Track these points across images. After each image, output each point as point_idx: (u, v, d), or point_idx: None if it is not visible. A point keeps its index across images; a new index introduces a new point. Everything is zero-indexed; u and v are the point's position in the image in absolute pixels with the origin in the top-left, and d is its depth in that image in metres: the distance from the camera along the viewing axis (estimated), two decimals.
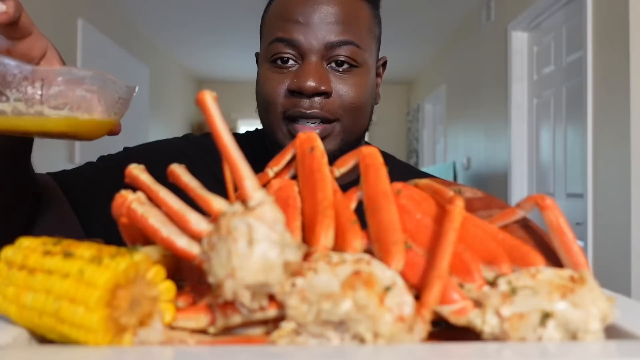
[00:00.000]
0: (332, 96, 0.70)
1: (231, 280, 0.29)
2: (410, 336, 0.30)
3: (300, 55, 0.70)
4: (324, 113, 0.69)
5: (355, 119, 0.72)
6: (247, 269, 0.29)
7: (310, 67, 0.68)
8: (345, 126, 0.71)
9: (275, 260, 0.30)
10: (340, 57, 0.69)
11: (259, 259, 0.29)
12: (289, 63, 0.70)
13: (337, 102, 0.70)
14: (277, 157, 0.44)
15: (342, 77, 0.70)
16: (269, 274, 0.30)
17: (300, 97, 0.69)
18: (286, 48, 0.69)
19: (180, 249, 0.32)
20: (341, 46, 0.69)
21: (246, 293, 0.30)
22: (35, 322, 0.31)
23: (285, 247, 0.30)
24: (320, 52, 0.69)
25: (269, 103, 0.71)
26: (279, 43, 0.70)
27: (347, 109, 0.70)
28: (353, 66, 0.70)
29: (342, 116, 0.70)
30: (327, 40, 0.69)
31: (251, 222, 0.30)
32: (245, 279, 0.29)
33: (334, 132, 0.71)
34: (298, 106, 0.69)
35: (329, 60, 0.70)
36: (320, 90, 0.68)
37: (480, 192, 0.45)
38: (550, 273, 0.33)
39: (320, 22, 0.69)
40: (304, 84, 0.67)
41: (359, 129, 0.74)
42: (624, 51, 1.98)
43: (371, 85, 0.75)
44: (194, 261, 0.32)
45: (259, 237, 0.30)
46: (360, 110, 0.72)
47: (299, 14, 0.69)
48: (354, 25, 0.70)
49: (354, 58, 0.70)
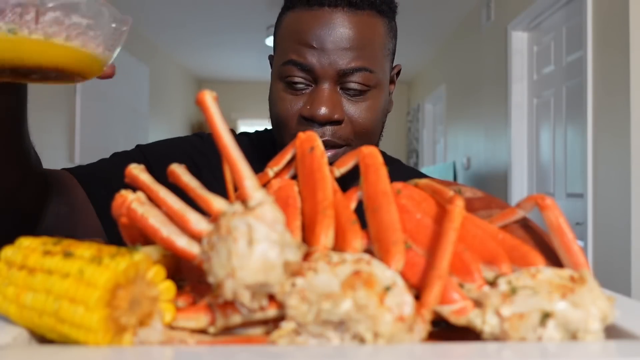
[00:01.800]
0: (344, 122, 0.70)
1: (231, 280, 0.29)
2: (410, 336, 0.30)
3: (313, 79, 0.70)
4: (335, 140, 0.70)
5: (366, 142, 0.72)
6: (247, 268, 0.29)
7: (324, 93, 0.69)
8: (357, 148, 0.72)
9: (275, 260, 0.30)
10: (353, 85, 0.70)
11: (259, 258, 0.29)
12: (302, 86, 0.71)
13: (348, 128, 0.71)
14: (277, 157, 0.44)
15: (355, 101, 0.71)
16: (269, 274, 0.30)
17: (312, 124, 0.69)
18: (299, 72, 0.69)
19: (180, 248, 0.32)
20: (354, 73, 0.69)
21: (246, 293, 0.30)
22: (35, 322, 0.31)
23: (286, 247, 0.30)
24: (333, 78, 0.69)
25: (282, 124, 0.72)
26: (293, 66, 0.70)
27: (358, 134, 0.71)
28: (365, 90, 0.71)
29: (352, 141, 0.71)
30: (340, 67, 0.68)
31: (251, 222, 0.30)
32: (245, 279, 0.29)
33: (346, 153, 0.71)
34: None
35: (342, 85, 0.70)
36: (333, 119, 0.69)
37: (480, 192, 0.45)
38: (550, 273, 0.33)
39: (334, 48, 0.68)
40: (316, 113, 0.68)
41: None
42: (624, 51, 1.98)
43: (384, 102, 0.75)
44: (194, 261, 0.32)
45: (259, 237, 0.30)
46: (372, 133, 0.73)
47: (314, 39, 0.69)
48: (368, 49, 0.70)
49: (367, 83, 0.70)
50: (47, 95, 2.98)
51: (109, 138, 3.74)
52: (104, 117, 3.67)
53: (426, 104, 5.51)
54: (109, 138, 3.75)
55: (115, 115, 3.89)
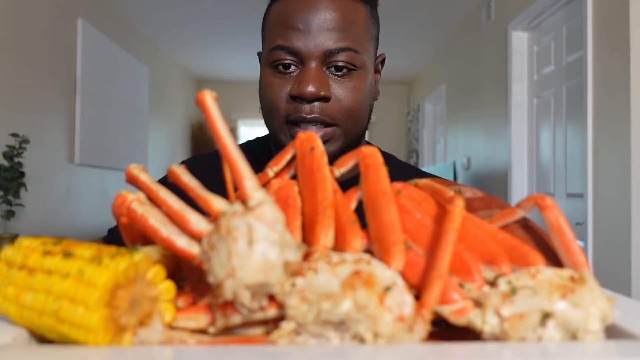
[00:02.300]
0: (331, 100, 0.72)
1: (231, 280, 0.29)
2: (410, 336, 0.30)
3: (300, 61, 0.72)
4: (324, 117, 0.72)
5: (354, 122, 0.74)
6: (247, 268, 0.29)
7: (310, 72, 0.71)
8: (345, 130, 0.74)
9: (275, 260, 0.30)
10: (339, 63, 0.72)
11: (259, 258, 0.29)
12: (290, 69, 0.73)
13: (336, 106, 0.72)
14: (277, 157, 0.44)
15: (342, 81, 0.73)
16: (269, 274, 0.30)
17: (301, 102, 0.71)
18: (287, 55, 0.72)
19: (180, 249, 0.32)
20: (340, 52, 0.72)
21: (246, 293, 0.30)
22: (35, 322, 0.31)
23: (285, 247, 0.30)
24: (319, 58, 0.71)
25: (272, 108, 0.74)
26: (280, 50, 0.72)
27: (345, 113, 0.73)
28: (351, 70, 0.73)
29: (340, 121, 0.73)
30: (325, 47, 0.71)
31: (251, 222, 0.30)
32: (245, 279, 0.29)
33: (335, 136, 0.73)
34: (299, 111, 0.71)
35: (328, 66, 0.72)
36: (320, 96, 0.71)
37: (480, 192, 0.45)
38: (550, 273, 0.33)
39: (319, 30, 0.71)
40: (304, 90, 0.70)
41: (359, 130, 0.77)
42: (624, 51, 1.98)
43: (370, 85, 0.77)
44: (194, 261, 0.32)
45: (259, 237, 0.30)
46: (359, 113, 0.75)
47: (299, 21, 0.72)
48: (351, 30, 0.73)
49: (353, 62, 0.72)
50: (47, 95, 2.99)
51: (109, 138, 3.75)
52: (104, 117, 3.67)
53: (426, 104, 5.51)
54: (109, 138, 3.75)
55: (115, 115, 3.89)
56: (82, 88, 3.34)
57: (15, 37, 2.66)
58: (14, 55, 2.66)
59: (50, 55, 3.01)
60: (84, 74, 3.35)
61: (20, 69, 2.71)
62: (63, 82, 3.17)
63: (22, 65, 2.73)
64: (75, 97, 3.30)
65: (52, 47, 3.03)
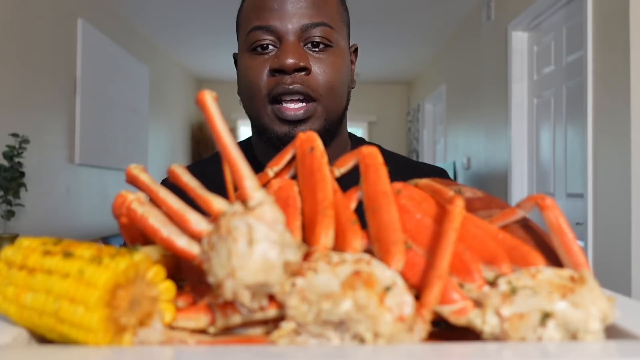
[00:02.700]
0: (311, 74, 0.74)
1: (231, 280, 0.29)
2: (410, 336, 0.30)
3: (278, 39, 0.74)
4: (306, 89, 0.73)
5: (333, 98, 0.76)
6: (247, 269, 0.29)
7: (289, 46, 0.73)
8: (326, 106, 0.75)
9: (276, 260, 0.30)
10: (316, 38, 0.74)
11: (259, 258, 0.29)
12: (268, 49, 0.74)
13: (316, 80, 0.74)
14: (276, 157, 0.44)
15: (319, 57, 0.75)
16: (269, 274, 0.30)
17: (282, 74, 0.72)
18: (264, 34, 0.73)
19: (180, 249, 0.32)
20: (315, 27, 0.74)
21: (246, 293, 0.30)
22: (35, 322, 0.31)
23: (286, 247, 0.30)
24: (296, 33, 0.74)
25: (252, 88, 0.75)
26: (257, 31, 0.74)
27: (325, 88, 0.74)
28: (328, 46, 0.75)
29: (321, 96, 0.74)
30: (302, 22, 0.73)
31: (251, 222, 0.30)
32: (245, 279, 0.29)
33: (317, 112, 0.74)
34: (281, 83, 0.72)
35: (305, 42, 0.74)
36: (300, 66, 0.72)
37: (480, 192, 0.45)
38: (550, 273, 0.33)
39: (294, 7, 0.74)
40: (284, 62, 0.71)
41: (339, 108, 0.78)
42: (624, 51, 1.98)
43: (346, 66, 0.79)
44: (194, 261, 0.32)
45: (259, 237, 0.30)
46: (338, 90, 0.77)
47: (274, 2, 0.74)
48: (325, 8, 0.76)
49: (328, 38, 0.75)
50: (47, 95, 2.99)
51: (109, 138, 3.74)
52: (104, 117, 3.67)
53: (426, 104, 5.51)
54: (109, 138, 3.75)
55: (115, 115, 3.89)
56: (82, 88, 3.34)
57: (15, 37, 2.66)
58: (14, 55, 2.66)
59: (50, 55, 3.01)
60: (84, 74, 3.35)
61: (20, 69, 2.71)
62: (63, 82, 3.17)
63: (22, 65, 2.73)
64: (75, 97, 3.30)
65: (52, 47, 3.03)
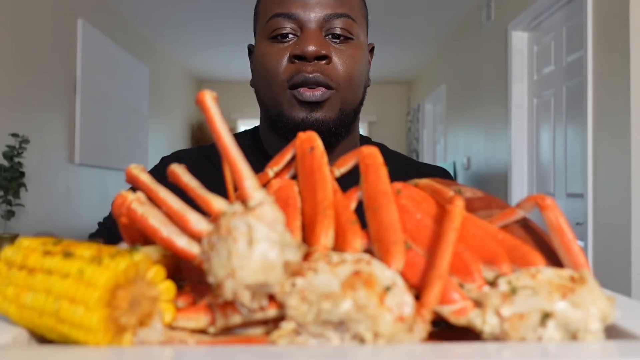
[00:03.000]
0: (331, 63, 0.73)
1: (231, 280, 0.29)
2: (410, 336, 0.30)
3: (299, 27, 0.73)
4: (325, 78, 0.72)
5: (350, 90, 0.75)
6: (247, 268, 0.29)
7: (311, 34, 0.72)
8: (343, 97, 0.75)
9: (275, 260, 0.30)
10: (337, 30, 0.74)
11: (259, 258, 0.29)
12: (289, 37, 0.73)
13: (336, 69, 0.73)
14: (277, 157, 0.44)
15: (339, 48, 0.74)
16: (269, 274, 0.30)
17: (303, 61, 0.72)
18: (285, 22, 0.72)
19: (180, 249, 0.32)
20: (338, 18, 0.73)
21: (246, 293, 0.30)
22: (35, 322, 0.31)
23: (285, 247, 0.30)
24: (318, 23, 0.73)
25: (271, 74, 0.74)
26: (278, 18, 0.73)
27: (344, 78, 0.74)
28: (348, 38, 0.75)
29: (339, 86, 0.73)
30: (325, 12, 0.73)
31: (251, 222, 0.30)
32: (245, 279, 0.29)
33: (334, 100, 0.74)
34: (301, 71, 0.71)
35: (326, 32, 0.74)
36: (321, 54, 0.71)
37: (480, 192, 0.45)
38: (550, 273, 0.33)
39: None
40: (306, 48, 0.71)
41: (355, 101, 0.78)
42: (624, 51, 1.98)
43: (365, 60, 0.79)
44: (194, 261, 0.32)
45: (259, 237, 0.30)
46: (356, 82, 0.76)
47: None
48: (348, 0, 0.75)
49: (350, 30, 0.74)
50: (47, 95, 2.99)
51: (109, 138, 3.74)
52: (104, 117, 3.67)
53: (426, 104, 5.51)
54: (109, 138, 3.75)
55: (115, 115, 3.89)
56: (82, 88, 3.34)
57: (15, 37, 2.66)
58: (14, 55, 2.66)
59: (50, 55, 3.01)
60: (84, 74, 3.35)
61: (20, 69, 2.71)
62: (63, 82, 3.17)
63: (22, 65, 2.73)
64: (75, 97, 3.30)
65: (52, 47, 3.03)
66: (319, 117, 0.73)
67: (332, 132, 0.74)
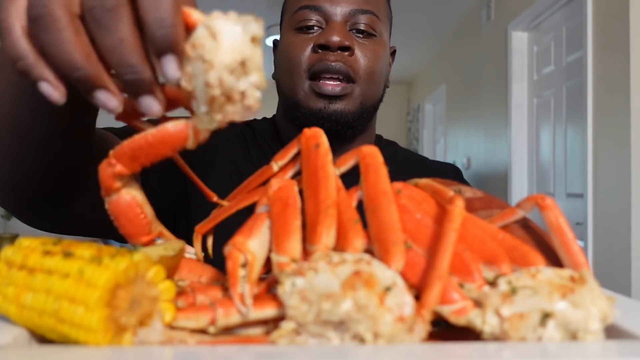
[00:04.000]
0: (354, 55, 0.75)
1: (212, 71, 0.30)
2: (410, 336, 0.30)
3: (325, 20, 0.75)
4: (347, 68, 0.74)
5: (371, 85, 0.77)
6: (220, 54, 0.30)
7: (336, 25, 0.74)
8: (363, 90, 0.76)
9: (242, 36, 0.31)
10: (361, 25, 0.76)
11: (227, 43, 0.31)
12: (314, 29, 0.76)
13: (358, 62, 0.75)
14: (282, 151, 0.45)
15: (363, 43, 0.76)
16: (243, 50, 0.31)
17: (326, 51, 0.73)
18: (312, 14, 0.75)
19: None
20: (364, 14, 0.75)
21: (231, 77, 0.31)
22: (35, 322, 0.31)
23: (246, 24, 0.31)
24: (344, 16, 0.75)
25: (293, 63, 0.76)
26: (305, 10, 0.75)
27: (365, 72, 0.75)
28: (372, 35, 0.77)
29: (360, 79, 0.75)
30: (351, 7, 0.75)
31: (209, 24, 0.31)
32: (224, 61, 0.30)
33: (354, 94, 0.75)
34: (324, 59, 0.73)
35: (351, 27, 0.76)
36: (345, 45, 0.73)
37: (480, 192, 0.45)
38: (550, 273, 0.33)
39: None
40: (330, 38, 0.73)
41: (375, 96, 0.79)
42: (624, 51, 1.98)
43: (386, 58, 0.80)
44: (183, 100, 0.33)
45: (220, 29, 0.31)
46: (377, 77, 0.78)
47: None
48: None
49: (374, 27, 0.76)
50: None
51: None
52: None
53: (426, 104, 5.51)
54: None
55: None
56: None
57: None
58: None
59: None
60: None
61: None
62: None
63: None
64: None
65: None
66: (338, 109, 0.74)
67: (350, 125, 0.76)
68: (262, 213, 0.38)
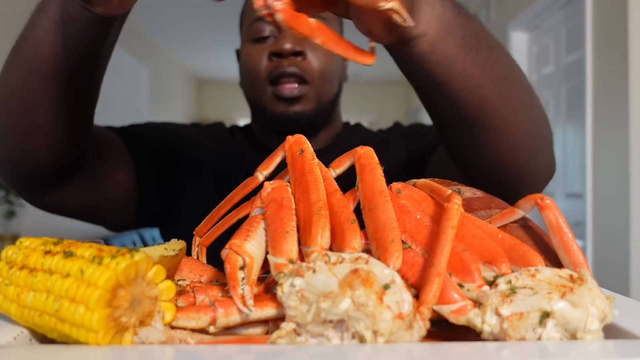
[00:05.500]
0: (306, 59, 0.82)
1: None
2: (410, 333, 0.30)
3: (277, 29, 0.82)
4: (300, 71, 0.81)
5: (325, 84, 0.84)
6: None
7: (287, 34, 0.80)
8: (318, 90, 0.83)
9: None
10: None
11: None
12: (269, 39, 0.82)
13: (310, 64, 0.82)
14: (266, 160, 0.45)
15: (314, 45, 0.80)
16: None
17: (280, 58, 0.81)
18: (266, 25, 0.82)
19: None
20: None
21: None
22: (36, 322, 0.31)
23: None
24: None
25: (253, 72, 0.83)
26: (259, 22, 0.82)
27: (318, 73, 0.82)
28: None
29: (314, 80, 0.82)
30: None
31: None
32: None
33: (310, 95, 0.82)
34: (279, 67, 0.81)
35: None
36: (296, 50, 0.80)
37: (480, 192, 0.45)
38: (549, 273, 0.33)
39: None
40: (283, 46, 0.80)
41: (330, 94, 0.86)
42: (623, 51, 1.98)
43: (339, 60, 0.87)
44: None
45: None
46: (329, 76, 0.84)
47: None
48: None
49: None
50: None
51: None
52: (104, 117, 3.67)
53: None
54: None
55: (115, 115, 3.88)
56: None
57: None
58: None
59: None
60: None
61: None
62: None
63: None
64: None
65: None
66: (297, 110, 0.82)
67: (310, 123, 0.84)
68: (257, 215, 0.38)
